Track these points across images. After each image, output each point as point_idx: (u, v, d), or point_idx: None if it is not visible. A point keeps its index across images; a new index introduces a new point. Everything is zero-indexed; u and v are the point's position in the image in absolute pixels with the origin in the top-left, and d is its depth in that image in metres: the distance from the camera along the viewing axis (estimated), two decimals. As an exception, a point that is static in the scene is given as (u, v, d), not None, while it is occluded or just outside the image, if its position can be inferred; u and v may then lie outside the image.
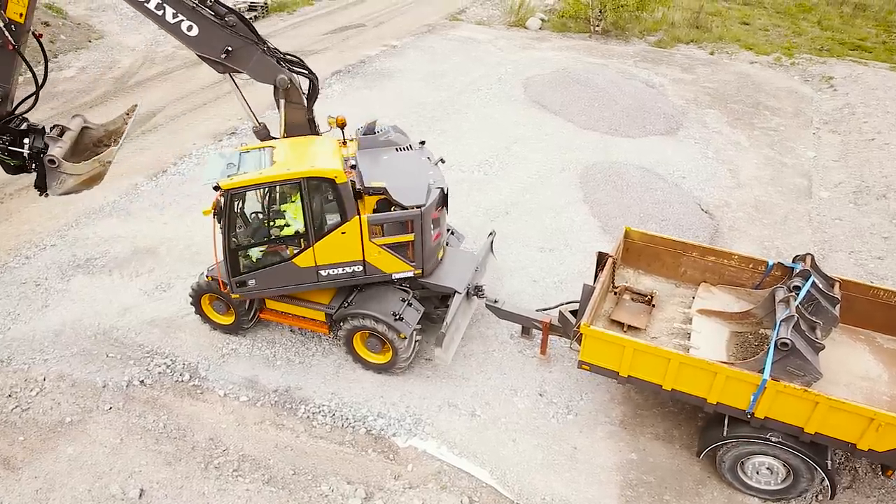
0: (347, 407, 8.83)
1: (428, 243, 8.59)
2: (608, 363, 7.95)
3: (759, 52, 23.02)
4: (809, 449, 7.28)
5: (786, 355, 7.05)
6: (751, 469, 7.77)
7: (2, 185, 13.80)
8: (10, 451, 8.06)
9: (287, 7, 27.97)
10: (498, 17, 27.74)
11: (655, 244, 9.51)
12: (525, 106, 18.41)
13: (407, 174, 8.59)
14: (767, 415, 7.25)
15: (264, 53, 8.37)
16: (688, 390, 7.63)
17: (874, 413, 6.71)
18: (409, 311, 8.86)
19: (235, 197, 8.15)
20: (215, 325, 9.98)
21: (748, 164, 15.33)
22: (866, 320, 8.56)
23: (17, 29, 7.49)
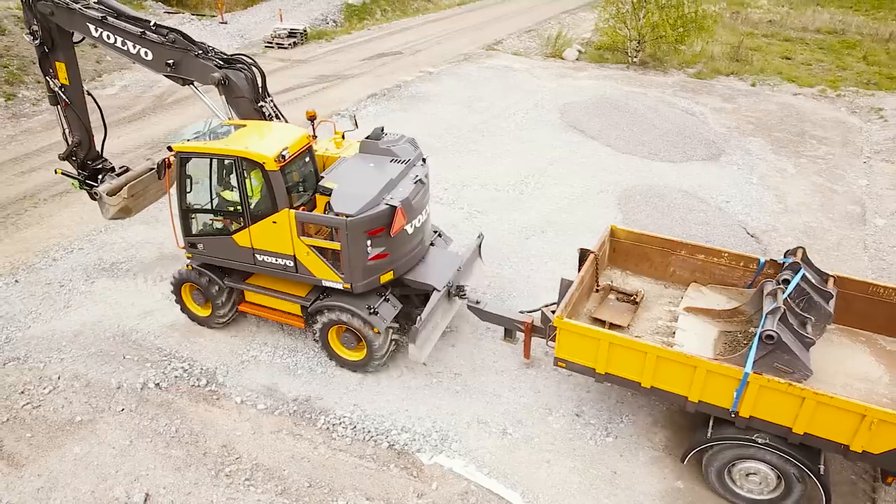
0: (370, 419, 8.29)
1: (357, 257, 8.10)
2: (584, 359, 7.50)
3: (802, 84, 22.44)
4: (799, 452, 6.66)
5: (772, 350, 6.58)
6: (738, 476, 7.12)
7: (37, 191, 13.91)
8: (15, 447, 7.69)
9: (326, 35, 28.46)
10: (535, 49, 27.76)
11: (643, 243, 9.09)
12: (562, 130, 18.08)
13: (369, 184, 8.23)
14: (753, 414, 6.70)
15: (197, 58, 8.77)
16: (667, 388, 7.11)
17: (865, 409, 6.09)
18: (386, 306, 8.64)
19: (184, 160, 8.49)
20: (192, 317, 9.89)
21: (795, 191, 14.64)
22: (867, 321, 8.01)
23: (68, 90, 9.81)
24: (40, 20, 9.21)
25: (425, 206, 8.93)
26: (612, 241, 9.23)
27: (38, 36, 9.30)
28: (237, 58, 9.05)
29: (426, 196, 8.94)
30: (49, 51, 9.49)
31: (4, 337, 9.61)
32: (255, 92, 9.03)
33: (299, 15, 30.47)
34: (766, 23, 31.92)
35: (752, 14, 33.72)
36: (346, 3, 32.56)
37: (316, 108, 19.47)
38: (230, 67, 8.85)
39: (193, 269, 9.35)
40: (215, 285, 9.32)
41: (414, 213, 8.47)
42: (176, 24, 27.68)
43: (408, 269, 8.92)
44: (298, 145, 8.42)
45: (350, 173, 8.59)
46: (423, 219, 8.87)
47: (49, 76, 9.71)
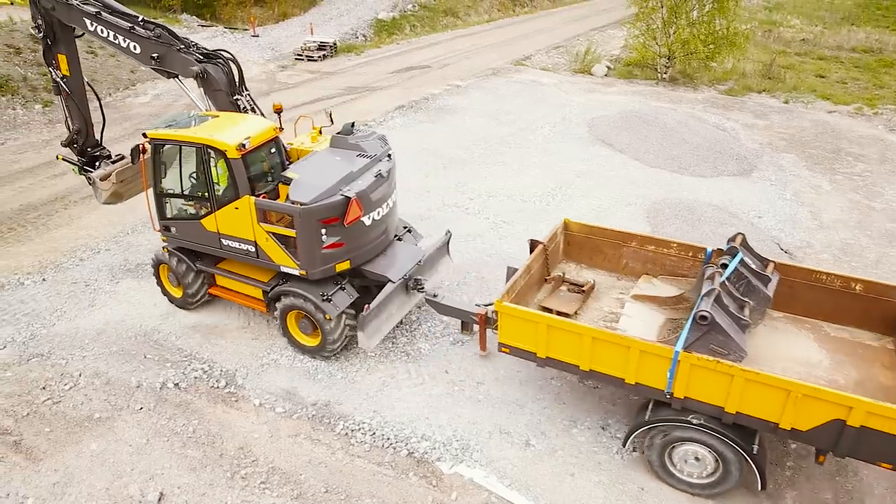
0: (389, 426, 8.10)
1: (312, 245, 8.35)
2: (526, 343, 7.57)
3: (837, 101, 21.96)
4: (733, 432, 6.66)
5: (707, 331, 6.62)
6: (678, 459, 7.11)
7: (67, 193, 14.12)
8: (34, 441, 7.66)
9: (355, 49, 28.74)
10: (563, 65, 27.68)
11: (595, 235, 9.27)
12: (589, 143, 17.89)
13: (328, 175, 8.48)
14: (687, 394, 6.74)
15: (179, 52, 9.26)
16: (605, 370, 7.19)
17: (790, 384, 6.14)
18: (341, 294, 8.81)
19: (157, 147, 8.99)
20: (168, 297, 10.32)
21: (831, 208, 14.21)
22: (813, 309, 8.07)
23: (69, 81, 10.44)
24: (43, 14, 9.83)
25: (387, 200, 9.10)
26: (566, 234, 9.37)
27: (41, 29, 9.97)
28: (216, 53, 9.46)
29: (389, 190, 9.12)
30: (52, 43, 10.13)
31: (29, 333, 9.66)
32: (231, 85, 9.46)
33: (330, 29, 30.88)
34: (799, 41, 31.46)
35: (784, 33, 33.27)
36: (375, 19, 32.95)
37: (343, 118, 19.61)
38: (209, 62, 9.27)
39: (168, 252, 9.82)
40: (186, 267, 9.70)
41: (372, 205, 8.69)
42: (208, 36, 28.32)
43: (366, 260, 9.11)
44: (262, 136, 8.79)
45: (313, 165, 8.83)
46: (384, 212, 9.05)
47: (52, 67, 10.39)
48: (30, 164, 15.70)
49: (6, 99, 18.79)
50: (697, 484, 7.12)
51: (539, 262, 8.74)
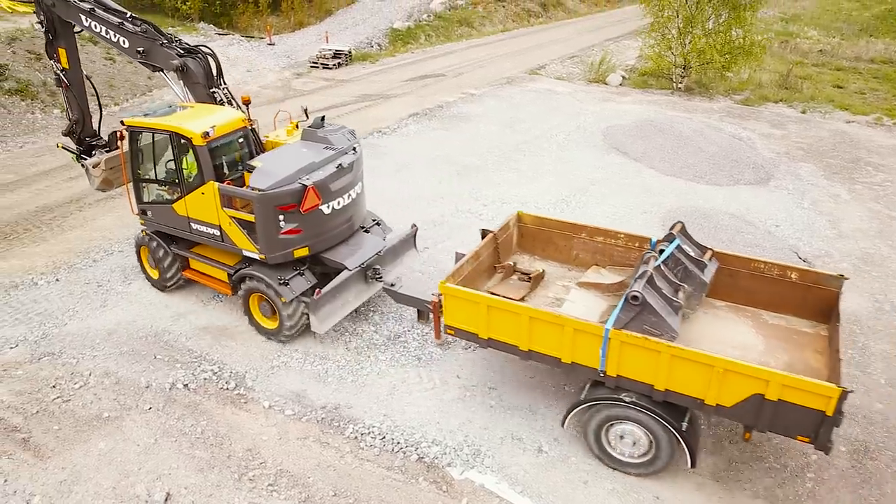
0: (399, 430, 7.98)
1: (270, 230, 8.72)
2: (469, 325, 7.75)
3: (856, 111, 21.69)
4: (663, 409, 6.83)
5: (640, 312, 6.84)
6: (614, 438, 7.28)
7: (83, 196, 14.20)
8: (42, 439, 7.62)
9: (370, 57, 28.88)
10: (578, 74, 27.62)
11: (548, 227, 9.46)
12: (604, 151, 17.77)
13: (290, 165, 8.84)
14: (619, 372, 6.94)
15: (162, 46, 9.83)
16: (543, 350, 7.36)
17: (712, 359, 6.31)
18: (298, 279, 9.13)
19: (134, 134, 9.55)
20: (148, 278, 10.82)
21: (851, 217, 13.97)
22: (754, 297, 8.25)
23: (68, 74, 11.08)
24: (45, 11, 10.46)
25: (349, 191, 9.38)
26: (519, 226, 9.59)
27: (44, 25, 10.64)
28: (196, 48, 9.96)
29: (351, 181, 9.40)
30: (53, 38, 10.79)
31: (41, 333, 9.67)
32: (208, 79, 9.94)
33: (345, 38, 31.07)
34: (816, 52, 31.20)
35: (801, 44, 33.03)
36: (391, 28, 33.12)
37: (357, 124, 19.66)
38: (189, 56, 9.81)
39: (146, 235, 10.31)
40: (162, 250, 10.18)
41: (332, 195, 9.01)
42: (225, 44, 28.57)
43: (326, 248, 9.41)
44: (229, 126, 9.23)
45: (279, 155, 9.21)
46: (345, 202, 9.33)
47: (53, 60, 11.07)
48: (47, 167, 15.84)
49: (26, 104, 19.02)
50: (632, 463, 7.26)
51: (489, 250, 8.99)
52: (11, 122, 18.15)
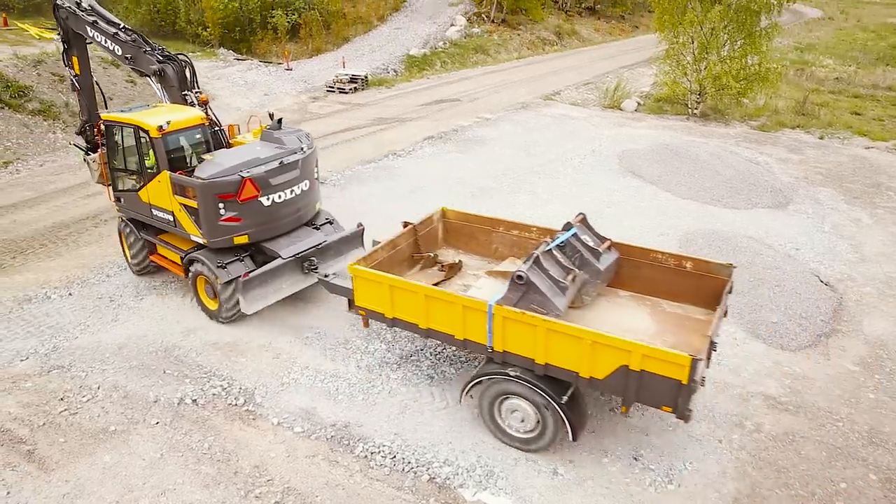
0: (410, 450, 7.77)
1: (210, 217, 9.46)
2: (376, 305, 8.24)
3: (875, 138, 21.46)
4: (544, 383, 7.17)
5: (526, 291, 7.27)
6: (505, 413, 7.66)
7: (99, 213, 14.30)
8: (47, 451, 7.50)
9: (386, 82, 29.17)
10: (593, 100, 27.67)
11: (470, 222, 9.96)
12: (619, 175, 17.67)
13: (235, 159, 9.68)
14: (505, 348, 7.32)
15: (145, 53, 10.92)
16: (439, 328, 7.79)
17: (581, 332, 6.66)
18: (237, 264, 9.83)
19: (108, 127, 10.54)
20: (127, 263, 11.81)
21: (873, 241, 13.69)
22: (654, 287, 8.62)
23: (80, 79, 12.37)
24: (62, 24, 11.85)
25: (293, 187, 10.06)
26: (444, 221, 10.17)
27: (61, 36, 12.08)
28: (174, 56, 10.97)
29: (297, 178, 10.08)
30: (68, 48, 12.16)
31: (52, 346, 9.62)
32: (181, 83, 10.90)
33: (362, 64, 31.46)
34: (832, 80, 31.08)
35: (817, 72, 32.95)
36: (407, 55, 33.52)
37: (372, 147, 19.75)
38: (167, 62, 10.81)
39: (122, 221, 11.30)
40: (133, 236, 11.15)
41: (272, 189, 9.73)
42: (244, 69, 29.05)
43: (267, 238, 10.13)
44: (185, 122, 10.17)
45: (232, 151, 10.12)
46: (287, 197, 10.01)
47: (68, 67, 12.40)
48: (65, 185, 16.01)
49: (48, 124, 19.34)
50: (522, 438, 7.62)
51: (407, 240, 9.51)
52: (33, 142, 18.43)
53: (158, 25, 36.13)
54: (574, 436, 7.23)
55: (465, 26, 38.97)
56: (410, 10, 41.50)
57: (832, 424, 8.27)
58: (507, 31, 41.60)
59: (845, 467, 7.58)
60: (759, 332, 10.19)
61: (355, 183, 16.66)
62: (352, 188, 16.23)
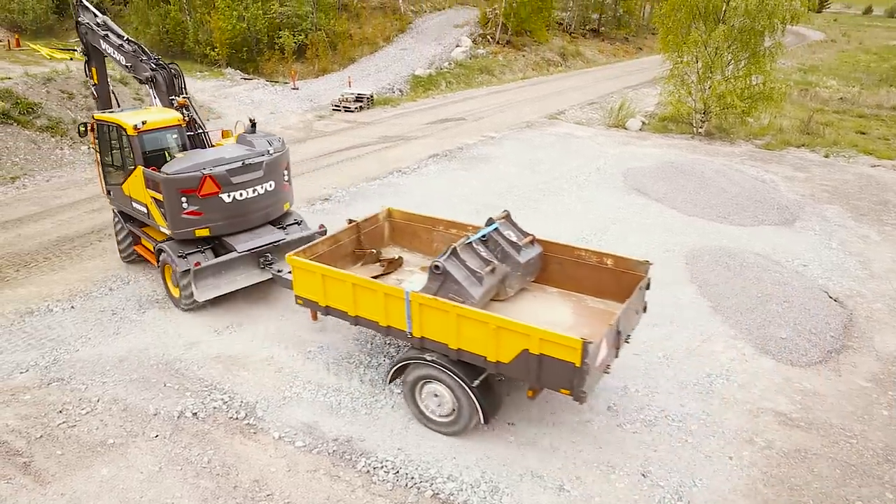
0: (414, 465, 7.61)
1: (174, 209, 10.09)
2: (311, 294, 8.62)
3: (881, 156, 21.41)
4: (458, 367, 7.47)
5: (444, 281, 7.74)
6: (425, 397, 7.99)
7: (104, 227, 14.29)
8: (44, 463, 7.36)
9: (391, 101, 29.36)
10: (597, 120, 27.77)
11: (412, 222, 10.42)
12: (625, 192, 17.62)
13: (202, 158, 10.39)
14: (423, 334, 7.63)
15: (141, 61, 11.78)
16: (366, 315, 8.17)
17: (487, 317, 6.96)
18: (197, 255, 10.44)
19: (99, 125, 11.48)
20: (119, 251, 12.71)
21: (882, 258, 13.55)
22: (579, 284, 8.92)
23: (98, 88, 13.60)
24: (82, 38, 13.01)
25: (255, 187, 10.62)
26: (390, 221, 10.64)
27: (82, 49, 13.26)
28: (165, 65, 11.79)
29: (260, 179, 10.64)
30: (88, 59, 13.25)
31: (52, 358, 9.53)
32: (170, 89, 11.69)
33: (368, 84, 31.71)
34: (836, 100, 31.16)
35: (821, 92, 33.05)
36: (412, 75, 33.80)
37: (377, 164, 19.79)
38: (159, 70, 11.61)
39: (113, 213, 12.24)
40: (120, 225, 12.10)
41: (233, 187, 10.32)
42: (250, 88, 29.31)
43: (228, 233, 10.69)
44: (162, 122, 11.00)
45: (204, 151, 10.90)
46: (248, 195, 10.57)
47: (88, 77, 13.58)
48: (71, 200, 16.05)
49: (55, 140, 19.47)
50: (440, 422, 7.94)
51: (350, 236, 9.94)
52: (40, 157, 18.55)
53: (167, 46, 36.61)
54: (485, 419, 7.58)
55: (470, 47, 39.35)
56: (416, 32, 41.97)
57: (846, 441, 8.08)
58: (512, 52, 41.98)
59: (861, 485, 7.38)
60: (768, 348, 10.03)
61: (360, 199, 16.65)
62: (356, 204, 16.21)
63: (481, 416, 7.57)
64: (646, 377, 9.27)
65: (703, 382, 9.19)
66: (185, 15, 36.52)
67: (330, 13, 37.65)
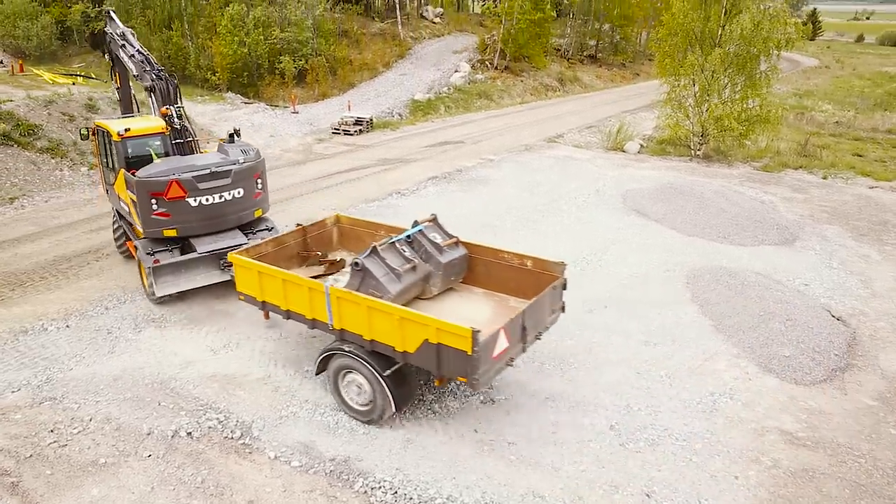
0: (413, 485, 7.44)
1: (144, 210, 10.85)
2: (250, 290, 9.15)
3: (878, 178, 21.46)
4: (372, 358, 7.92)
5: (364, 277, 8.33)
6: (346, 387, 8.42)
7: (102, 247, 14.24)
8: (32, 483, 7.18)
9: (390, 125, 29.53)
10: (596, 143, 27.88)
11: (357, 227, 10.89)
12: (624, 213, 17.60)
13: (176, 164, 11.13)
14: (342, 326, 8.13)
15: (145, 71, 12.57)
16: (295, 309, 8.67)
17: (391, 308, 7.47)
18: (164, 254, 11.24)
19: (98, 131, 12.76)
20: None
21: (884, 277, 13.48)
22: (503, 284, 9.31)
23: (121, 92, 14.82)
24: (107, 46, 14.18)
25: (222, 193, 11.25)
26: (339, 226, 11.13)
27: (107, 56, 14.56)
28: (165, 77, 12.50)
29: (227, 186, 11.26)
30: (113, 65, 14.35)
31: (45, 377, 9.38)
32: (166, 99, 12.40)
33: (367, 108, 31.92)
34: (832, 124, 31.38)
35: (817, 116, 33.30)
36: (412, 99, 34.06)
37: (376, 186, 19.79)
38: (159, 80, 12.39)
39: (112, 210, 13.34)
40: (116, 223, 13.16)
41: (199, 192, 10.98)
42: (250, 112, 29.47)
43: (195, 235, 11.35)
44: (146, 130, 12.07)
45: (178, 157, 11.62)
46: (214, 200, 11.20)
47: (112, 80, 14.81)
48: (70, 220, 16.01)
49: (55, 161, 19.50)
50: (360, 410, 8.37)
51: (295, 239, 10.45)
52: (40, 178, 18.55)
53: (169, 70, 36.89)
54: (396, 407, 8.02)
55: (469, 73, 39.73)
56: (416, 58, 42.41)
57: (854, 461, 7.92)
58: (511, 77, 42.38)
59: (870, 505, 7.22)
60: (771, 367, 9.90)
61: (359, 220, 16.59)
62: (355, 225, 16.16)
63: (392, 405, 7.98)
64: (648, 396, 9.13)
65: (707, 401, 9.05)
66: (186, 40, 36.91)
67: (330, 39, 38.05)
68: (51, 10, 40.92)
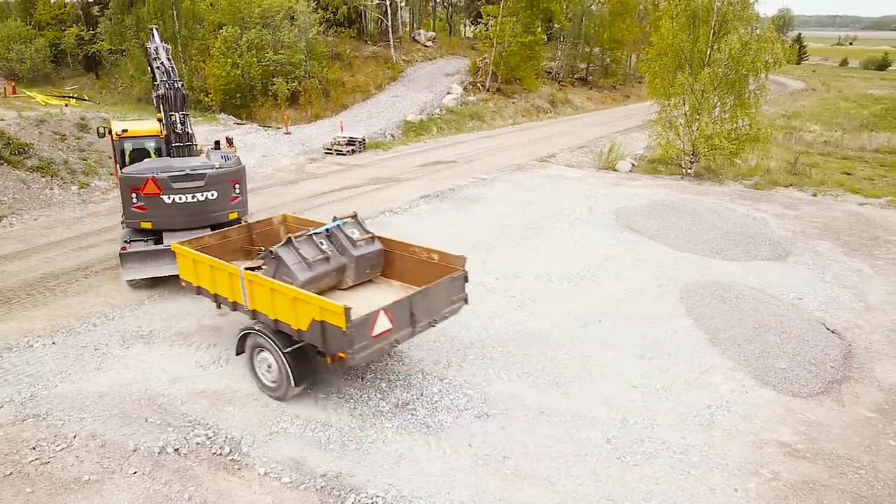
0: (406, 501, 7.25)
1: (126, 202, 12.12)
2: (189, 277, 9.83)
3: (867, 195, 21.64)
4: (277, 336, 8.54)
5: (278, 265, 9.08)
6: (259, 364, 9.03)
7: (91, 264, 14.07)
8: (11, 502, 6.94)
9: (383, 145, 29.61)
10: (587, 162, 28.02)
11: (302, 226, 11.15)
12: (616, 230, 17.60)
13: (161, 165, 12.22)
14: (255, 307, 8.74)
15: (163, 80, 13.22)
16: (221, 292, 9.34)
17: (285, 289, 8.13)
18: (138, 244, 12.40)
19: (109, 131, 14.57)
20: None
21: (877, 290, 13.48)
22: (415, 277, 9.79)
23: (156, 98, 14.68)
24: (147, 57, 14.91)
25: (195, 193, 12.16)
26: (286, 225, 11.68)
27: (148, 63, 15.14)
28: (175, 86, 13.16)
29: (200, 187, 12.17)
30: (152, 71, 14.75)
31: (29, 394, 9.15)
32: (172, 105, 13.12)
33: (360, 129, 32.02)
34: (821, 143, 31.74)
35: (805, 136, 33.69)
36: (404, 120, 34.22)
37: (368, 205, 19.74)
38: (171, 90, 13.12)
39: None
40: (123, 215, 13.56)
41: (173, 190, 11.99)
42: (243, 133, 29.52)
43: (168, 229, 12.34)
44: (143, 132, 14.20)
45: (164, 159, 12.83)
46: (187, 199, 12.15)
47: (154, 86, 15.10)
48: (59, 238, 15.83)
49: (45, 180, 19.37)
50: (271, 387, 8.96)
51: (240, 234, 11.08)
52: (29, 197, 18.39)
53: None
54: (295, 382, 8.56)
55: (461, 95, 40.04)
56: (408, 80, 42.73)
57: (854, 473, 7.80)
58: (502, 99, 42.75)
59: (871, 517, 7.09)
60: (767, 379, 9.81)
61: (351, 237, 16.50)
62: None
63: (292, 380, 8.54)
64: (644, 409, 9.01)
65: (704, 414, 8.94)
66: (180, 62, 37.07)
67: (323, 61, 38.32)
68: (45, 34, 41.09)
